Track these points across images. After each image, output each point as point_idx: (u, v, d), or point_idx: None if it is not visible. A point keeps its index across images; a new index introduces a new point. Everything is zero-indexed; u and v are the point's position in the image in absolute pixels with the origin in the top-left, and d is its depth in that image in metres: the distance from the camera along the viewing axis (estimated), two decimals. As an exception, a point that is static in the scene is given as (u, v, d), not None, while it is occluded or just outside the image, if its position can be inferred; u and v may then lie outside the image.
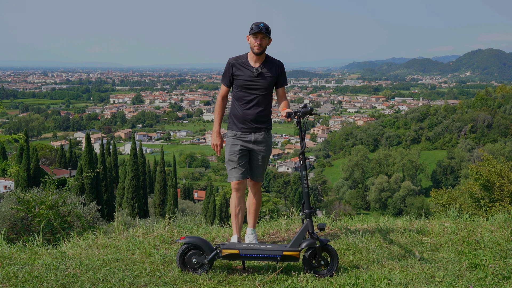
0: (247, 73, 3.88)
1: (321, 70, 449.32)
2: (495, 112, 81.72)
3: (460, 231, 4.43)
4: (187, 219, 5.49)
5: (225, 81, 3.96)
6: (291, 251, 3.42)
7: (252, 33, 3.80)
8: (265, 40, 3.83)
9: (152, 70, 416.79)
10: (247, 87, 3.89)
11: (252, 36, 3.81)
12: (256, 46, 3.81)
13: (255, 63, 3.89)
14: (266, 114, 3.98)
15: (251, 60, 3.90)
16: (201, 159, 78.44)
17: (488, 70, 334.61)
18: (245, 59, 3.92)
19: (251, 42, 3.83)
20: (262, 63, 3.90)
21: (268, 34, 3.81)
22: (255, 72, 3.86)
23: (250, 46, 3.86)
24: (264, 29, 3.78)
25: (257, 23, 3.80)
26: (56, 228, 5.39)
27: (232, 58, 3.95)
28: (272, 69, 3.92)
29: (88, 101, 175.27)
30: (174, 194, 29.57)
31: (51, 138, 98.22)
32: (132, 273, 3.44)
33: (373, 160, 68.17)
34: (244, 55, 3.96)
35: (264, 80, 3.89)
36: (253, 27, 3.81)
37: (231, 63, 3.93)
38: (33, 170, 27.27)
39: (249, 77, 3.87)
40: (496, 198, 8.97)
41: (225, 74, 3.96)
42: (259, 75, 3.87)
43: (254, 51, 3.83)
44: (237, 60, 3.92)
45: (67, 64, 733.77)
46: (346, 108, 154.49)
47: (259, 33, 3.78)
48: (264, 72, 3.88)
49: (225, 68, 3.96)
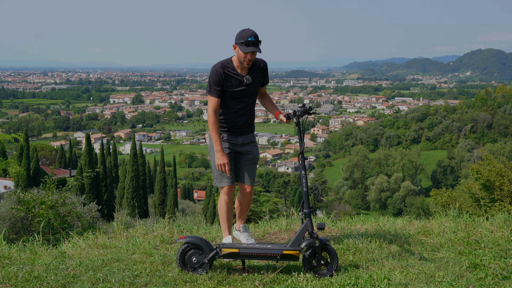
0: (236, 82, 3.64)
1: (321, 70, 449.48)
2: (495, 112, 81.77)
3: (460, 231, 4.43)
4: (187, 219, 5.49)
5: (218, 93, 3.61)
6: (291, 251, 3.42)
7: (241, 48, 3.49)
8: (256, 53, 3.56)
9: (152, 70, 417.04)
10: (237, 96, 3.68)
11: (241, 49, 3.51)
12: (246, 61, 3.55)
13: (242, 70, 3.65)
14: (253, 118, 3.87)
15: (238, 68, 3.64)
16: (201, 159, 78.47)
17: (488, 70, 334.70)
18: (231, 66, 3.63)
19: (240, 55, 3.53)
20: (249, 69, 3.67)
21: (259, 49, 3.51)
22: (245, 82, 3.66)
23: (239, 58, 3.57)
24: (255, 44, 3.49)
25: (247, 34, 3.48)
26: (56, 228, 5.39)
27: (219, 66, 3.60)
28: (258, 72, 3.73)
29: (88, 101, 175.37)
30: (174, 194, 29.57)
31: (51, 138, 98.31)
32: (132, 273, 3.44)
33: (373, 160, 68.21)
34: (230, 61, 3.66)
35: (253, 88, 3.72)
36: (243, 40, 3.48)
37: (220, 72, 3.58)
38: (33, 170, 27.31)
39: (239, 87, 3.65)
40: (496, 198, 8.98)
41: (216, 84, 3.59)
42: (249, 84, 3.69)
43: (244, 65, 3.58)
44: (225, 69, 3.61)
45: (67, 64, 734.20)
46: (346, 108, 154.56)
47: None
48: (253, 79, 3.69)
49: (214, 78, 3.59)
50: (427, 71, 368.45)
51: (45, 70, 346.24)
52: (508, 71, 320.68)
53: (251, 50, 3.47)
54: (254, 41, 3.48)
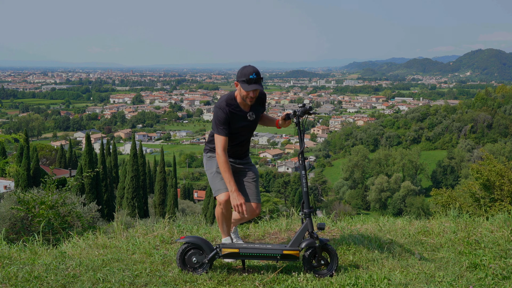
0: (240, 119, 3.64)
1: (321, 70, 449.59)
2: (495, 112, 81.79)
3: (460, 231, 4.43)
4: (187, 219, 5.49)
5: (225, 131, 3.55)
6: (291, 251, 3.42)
7: (243, 86, 3.48)
8: (258, 90, 3.53)
9: (152, 70, 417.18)
10: (239, 131, 3.69)
11: (243, 87, 3.50)
12: (249, 99, 3.54)
13: (245, 107, 3.65)
14: (249, 145, 3.93)
15: (241, 104, 3.63)
16: (201, 159, 78.42)
17: (488, 70, 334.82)
18: (235, 104, 3.61)
19: (243, 93, 3.51)
20: (251, 105, 3.68)
21: (261, 87, 3.52)
22: (249, 118, 3.68)
23: (241, 95, 3.56)
24: (257, 81, 3.48)
25: (248, 72, 3.47)
26: (56, 228, 5.39)
27: (224, 105, 3.57)
28: (259, 105, 3.75)
29: (88, 101, 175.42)
30: (174, 194, 29.55)
31: (51, 138, 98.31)
32: (132, 273, 3.44)
33: (373, 160, 68.21)
34: (233, 98, 3.62)
35: (255, 122, 3.76)
36: (244, 78, 3.47)
37: (227, 112, 3.55)
38: (33, 170, 27.28)
39: (243, 123, 3.67)
40: (496, 197, 8.97)
41: (223, 123, 3.54)
42: (252, 120, 3.71)
43: (247, 102, 3.58)
44: (231, 107, 3.58)
45: (67, 64, 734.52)
46: (346, 108, 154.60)
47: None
48: (256, 115, 3.72)
49: (221, 117, 3.54)
50: (427, 71, 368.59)
51: (45, 70, 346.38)
52: (508, 71, 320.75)
53: (253, 88, 3.46)
54: (256, 79, 3.48)
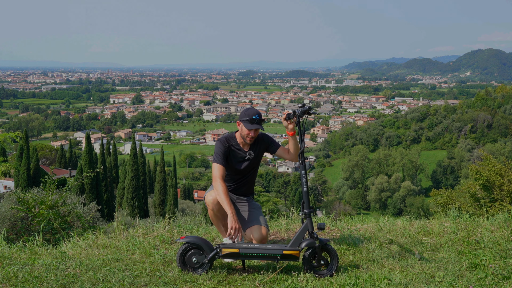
0: (239, 156, 3.80)
1: (321, 70, 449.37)
2: (495, 112, 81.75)
3: (460, 231, 4.43)
4: (187, 219, 5.49)
5: (222, 160, 3.70)
6: (291, 251, 3.42)
7: (246, 125, 3.69)
8: (259, 131, 3.75)
9: (152, 70, 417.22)
10: (239, 169, 3.82)
11: (245, 125, 3.70)
12: (249, 137, 3.73)
13: (245, 146, 3.82)
14: (253, 186, 3.99)
15: (241, 143, 3.82)
16: (201, 159, 78.43)
17: (488, 70, 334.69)
18: (235, 142, 3.82)
19: (244, 132, 3.73)
20: (251, 145, 3.83)
21: (262, 127, 3.70)
22: (248, 156, 3.81)
23: (241, 134, 3.77)
24: (259, 122, 3.69)
25: (252, 113, 3.69)
26: (56, 228, 5.39)
27: (225, 139, 3.79)
28: (261, 146, 3.86)
29: (88, 101, 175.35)
30: (174, 194, 29.55)
31: (51, 138, 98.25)
32: (132, 273, 3.44)
33: (373, 160, 68.13)
34: (233, 137, 3.83)
35: (255, 161, 3.86)
36: (247, 118, 3.68)
37: (226, 145, 3.76)
38: (33, 170, 27.26)
39: (242, 161, 3.80)
40: (496, 197, 8.97)
41: (221, 153, 3.71)
42: (251, 159, 3.83)
43: (246, 141, 3.77)
44: (230, 143, 3.79)
45: (67, 64, 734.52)
46: (346, 108, 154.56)
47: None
48: (255, 154, 3.84)
49: (220, 148, 3.73)
50: (427, 71, 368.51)
51: (45, 70, 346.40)
52: (508, 71, 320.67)
53: (255, 127, 3.68)
54: (258, 119, 3.70)
